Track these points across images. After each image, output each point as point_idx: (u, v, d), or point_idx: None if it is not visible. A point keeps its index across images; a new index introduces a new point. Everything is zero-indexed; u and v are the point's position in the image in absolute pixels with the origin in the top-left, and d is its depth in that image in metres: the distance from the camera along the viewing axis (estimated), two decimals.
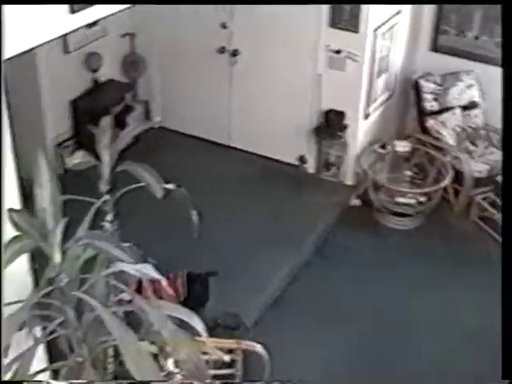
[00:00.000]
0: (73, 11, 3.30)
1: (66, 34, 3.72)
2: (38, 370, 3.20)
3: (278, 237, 5.75)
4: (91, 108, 6.45)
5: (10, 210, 2.92)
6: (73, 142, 6.66)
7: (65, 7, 3.24)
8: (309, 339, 5.08)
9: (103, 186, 3.41)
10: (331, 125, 6.37)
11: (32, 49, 3.30)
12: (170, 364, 3.63)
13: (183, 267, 4.86)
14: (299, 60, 6.36)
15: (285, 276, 5.48)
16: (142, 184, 3.37)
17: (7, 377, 2.96)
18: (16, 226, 2.89)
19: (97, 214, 3.32)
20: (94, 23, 6.26)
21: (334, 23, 6.05)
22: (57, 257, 2.84)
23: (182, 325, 3.00)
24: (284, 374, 4.15)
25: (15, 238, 2.85)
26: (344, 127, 6.35)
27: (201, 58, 6.92)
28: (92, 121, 4.12)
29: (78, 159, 3.24)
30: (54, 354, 3.62)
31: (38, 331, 3.40)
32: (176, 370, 3.68)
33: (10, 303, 3.05)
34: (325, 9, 6.02)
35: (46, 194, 2.90)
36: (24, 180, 3.30)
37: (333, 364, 4.92)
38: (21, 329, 3.12)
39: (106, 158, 3.31)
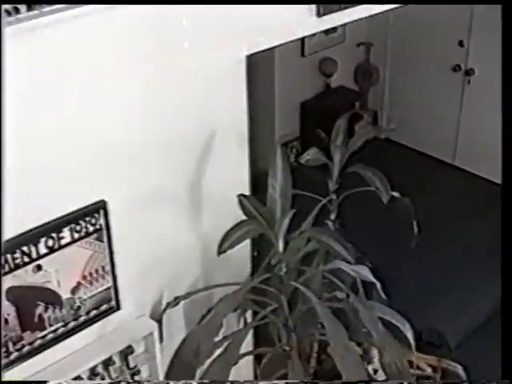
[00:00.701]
0: (319, 14, 3.40)
1: (309, 36, 3.82)
2: (243, 352, 3.34)
3: (492, 263, 5.60)
4: (320, 111, 6.59)
5: (241, 195, 3.07)
6: (298, 143, 6.84)
7: (313, 9, 3.34)
8: None
9: (331, 185, 3.49)
10: None
11: (275, 47, 3.44)
12: (370, 369, 3.66)
13: (390, 276, 4.87)
14: None
15: (494, 303, 5.33)
16: (369, 188, 3.41)
17: (216, 353, 3.11)
18: (244, 210, 3.03)
19: (320, 212, 3.42)
20: (334, 29, 6.43)
21: None
22: (280, 246, 2.95)
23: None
24: None
25: (242, 222, 2.98)
26: None
27: (433, 74, 6.89)
28: (320, 124, 4.20)
29: (309, 155, 3.33)
30: (260, 339, 3.75)
31: (248, 315, 3.55)
32: (374, 376, 3.70)
33: (227, 284, 3.20)
34: None
35: (278, 185, 3.02)
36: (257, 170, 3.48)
37: None
38: (235, 310, 3.26)
39: (338, 158, 3.40)
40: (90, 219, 2.92)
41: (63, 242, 2.87)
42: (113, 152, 2.86)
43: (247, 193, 3.30)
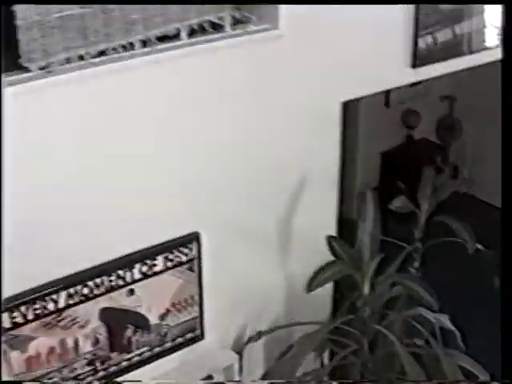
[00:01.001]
0: (414, 66, 3.48)
1: (401, 87, 3.89)
2: None
3: None
4: (401, 163, 6.61)
5: (330, 237, 3.15)
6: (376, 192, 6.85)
7: (408, 60, 3.44)
8: None
9: (417, 233, 3.54)
10: None
11: (365, 96, 3.53)
12: None
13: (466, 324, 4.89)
14: None
15: None
16: (454, 239, 3.45)
17: None
18: (333, 251, 3.11)
19: (405, 259, 3.46)
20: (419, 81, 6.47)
21: None
22: (366, 288, 3.02)
23: None
24: None
25: (332, 262, 3.06)
26: None
27: None
28: (399, 175, 4.21)
29: (398, 203, 3.40)
30: (333, 378, 3.78)
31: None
32: None
33: (309, 323, 3.26)
34: None
35: (367, 228, 3.09)
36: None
37: None
38: (314, 350, 3.32)
39: (425, 207, 3.45)
40: (184, 249, 3.03)
41: (156, 269, 2.99)
42: (209, 188, 3.00)
43: (334, 234, 3.38)
